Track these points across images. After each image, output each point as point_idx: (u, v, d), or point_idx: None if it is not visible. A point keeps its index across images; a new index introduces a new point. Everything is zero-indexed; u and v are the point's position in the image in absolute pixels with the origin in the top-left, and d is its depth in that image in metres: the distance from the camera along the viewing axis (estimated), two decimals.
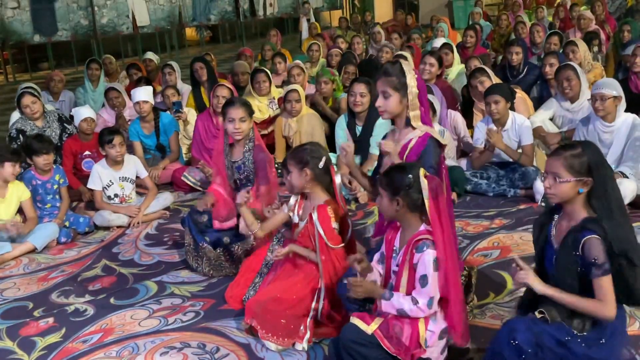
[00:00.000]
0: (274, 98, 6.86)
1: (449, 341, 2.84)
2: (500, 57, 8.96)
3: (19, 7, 11.56)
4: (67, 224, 5.08)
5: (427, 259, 2.68)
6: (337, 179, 3.39)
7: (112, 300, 3.95)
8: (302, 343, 3.21)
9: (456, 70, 7.55)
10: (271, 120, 6.50)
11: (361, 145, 5.38)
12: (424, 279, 2.68)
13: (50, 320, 3.73)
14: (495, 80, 5.92)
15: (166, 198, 5.53)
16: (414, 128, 3.19)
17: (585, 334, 2.52)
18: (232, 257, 4.07)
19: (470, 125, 5.93)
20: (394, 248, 2.87)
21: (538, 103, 6.27)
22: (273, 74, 7.65)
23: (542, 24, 10.06)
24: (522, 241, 4.24)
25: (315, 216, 3.28)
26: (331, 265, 3.31)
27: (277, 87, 7.28)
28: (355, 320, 2.75)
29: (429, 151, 3.10)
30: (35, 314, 3.84)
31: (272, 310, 3.24)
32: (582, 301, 2.50)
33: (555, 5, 14.06)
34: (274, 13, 16.02)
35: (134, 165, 5.37)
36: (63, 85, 7.96)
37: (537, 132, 5.60)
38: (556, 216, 2.70)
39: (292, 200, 3.49)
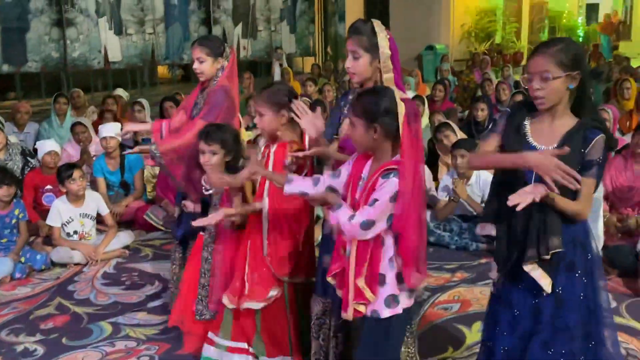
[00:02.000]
0: (243, 140, 6.86)
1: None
2: (466, 112, 9.14)
3: None
4: (22, 259, 4.96)
5: (389, 186, 2.44)
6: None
7: (64, 340, 3.84)
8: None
9: (423, 123, 7.68)
10: None
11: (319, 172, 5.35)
12: (374, 202, 2.45)
13: None
14: (461, 135, 6.02)
15: (126, 236, 5.45)
16: None
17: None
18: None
19: (435, 178, 6.00)
20: (362, 176, 2.61)
21: None
22: (245, 115, 7.68)
23: (508, 82, 10.34)
24: (483, 295, 4.26)
25: (272, 150, 3.09)
26: (275, 209, 3.06)
27: (246, 129, 7.30)
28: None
29: None
30: None
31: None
32: (568, 201, 2.42)
33: (521, 64, 14.48)
34: (247, 56, 16.15)
35: (95, 202, 5.30)
36: (29, 117, 7.86)
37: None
38: (527, 118, 2.57)
39: (262, 141, 3.25)
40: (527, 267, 2.47)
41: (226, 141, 3.42)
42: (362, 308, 2.54)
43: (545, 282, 2.46)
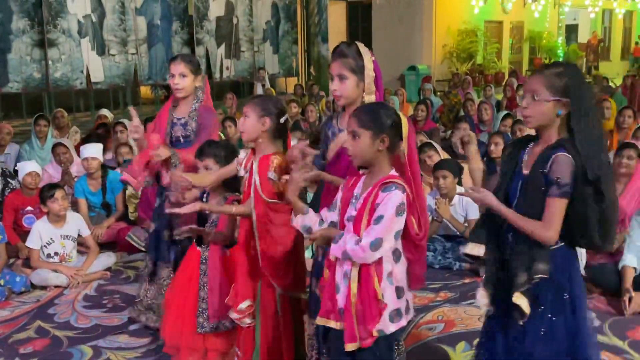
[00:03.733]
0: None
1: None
2: (449, 132, 9.20)
3: None
4: (2, 282, 4.87)
5: (392, 199, 2.43)
6: (292, 142, 3.20)
7: None
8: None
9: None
10: None
11: (314, 209, 5.35)
12: (379, 219, 2.43)
13: None
14: (443, 155, 6.05)
15: (108, 258, 5.38)
16: None
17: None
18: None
19: None
20: (355, 194, 2.60)
21: (485, 179, 6.42)
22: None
23: (490, 102, 10.43)
24: (467, 315, 4.26)
25: (255, 165, 3.07)
26: (265, 224, 3.06)
27: None
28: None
29: None
30: None
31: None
32: (526, 220, 2.41)
33: (503, 84, 14.63)
34: (230, 76, 16.19)
35: (76, 223, 5.25)
36: (10, 137, 7.79)
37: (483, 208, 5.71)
38: (532, 143, 2.57)
39: (243, 154, 3.26)
40: (515, 297, 2.45)
41: (219, 156, 3.45)
42: (375, 332, 2.52)
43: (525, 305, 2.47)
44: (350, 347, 2.52)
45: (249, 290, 3.14)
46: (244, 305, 3.13)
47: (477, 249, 2.60)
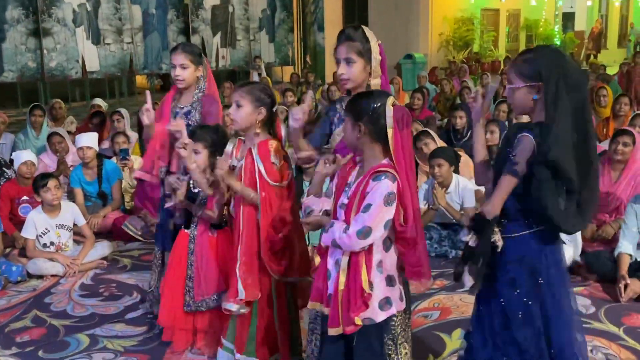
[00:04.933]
0: None
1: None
2: (445, 120, 9.19)
3: None
4: None
5: (381, 188, 2.43)
6: (283, 132, 3.24)
7: (40, 353, 3.77)
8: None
9: None
10: None
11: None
12: (367, 207, 2.43)
13: None
14: (440, 143, 6.04)
15: (104, 247, 5.38)
16: None
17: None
18: None
19: None
20: (348, 182, 2.61)
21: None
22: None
23: (487, 90, 10.40)
24: (462, 302, 4.27)
25: (255, 150, 3.07)
26: (269, 206, 3.07)
27: None
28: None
29: None
30: None
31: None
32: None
33: (500, 72, 14.61)
34: (227, 65, 16.12)
35: (71, 212, 5.23)
36: (5, 127, 7.76)
37: (479, 195, 5.71)
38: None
39: (229, 147, 3.27)
40: (464, 234, 2.51)
41: (210, 141, 3.47)
42: (358, 321, 2.52)
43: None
44: (332, 331, 2.56)
45: (256, 282, 3.14)
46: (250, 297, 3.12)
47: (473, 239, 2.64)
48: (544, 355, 2.55)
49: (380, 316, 2.54)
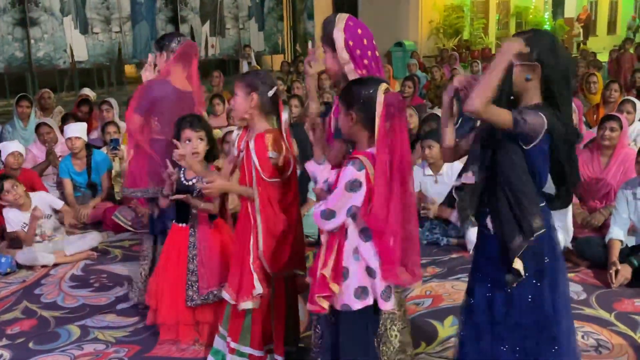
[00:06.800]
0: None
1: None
2: (435, 108, 9.17)
3: None
4: None
5: (344, 173, 2.43)
6: (284, 116, 3.16)
7: (31, 344, 3.76)
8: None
9: None
10: None
11: (301, 188, 5.35)
12: (332, 191, 2.48)
13: None
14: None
15: (94, 238, 5.35)
16: None
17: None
18: None
19: None
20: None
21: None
22: (211, 115, 7.60)
23: (477, 77, 10.39)
24: (454, 290, 4.27)
25: (252, 144, 3.02)
26: (267, 201, 3.03)
27: (214, 128, 7.22)
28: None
29: None
30: None
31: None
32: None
33: (489, 60, 14.61)
34: (216, 54, 16.04)
35: (44, 201, 5.19)
36: None
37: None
38: None
39: (235, 134, 3.26)
40: (515, 263, 2.45)
41: (208, 130, 3.58)
42: (324, 303, 2.52)
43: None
44: (309, 307, 2.60)
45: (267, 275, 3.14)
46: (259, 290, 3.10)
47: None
48: (552, 341, 2.53)
49: (356, 305, 2.52)
